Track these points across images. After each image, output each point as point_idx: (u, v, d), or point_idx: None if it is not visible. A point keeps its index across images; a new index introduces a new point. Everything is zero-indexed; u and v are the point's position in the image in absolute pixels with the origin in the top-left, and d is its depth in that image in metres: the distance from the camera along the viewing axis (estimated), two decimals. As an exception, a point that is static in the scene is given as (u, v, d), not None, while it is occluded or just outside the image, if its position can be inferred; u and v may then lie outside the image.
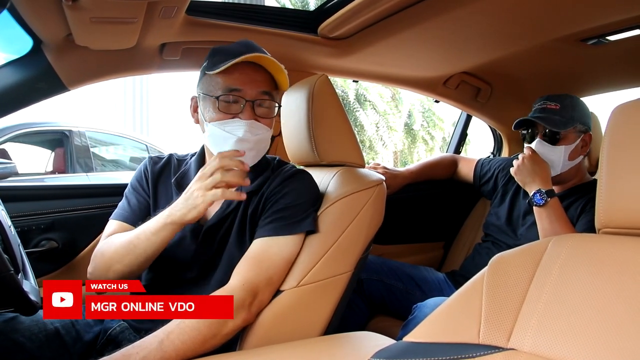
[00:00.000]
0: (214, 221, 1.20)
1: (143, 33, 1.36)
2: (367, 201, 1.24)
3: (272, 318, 1.10)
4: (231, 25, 1.55)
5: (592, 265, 0.71)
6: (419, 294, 1.79)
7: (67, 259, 1.68)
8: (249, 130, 1.14)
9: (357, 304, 1.78)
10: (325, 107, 1.30)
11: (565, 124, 1.65)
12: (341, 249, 1.18)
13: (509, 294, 0.75)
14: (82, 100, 11.80)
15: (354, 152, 1.35)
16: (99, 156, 5.96)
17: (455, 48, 1.88)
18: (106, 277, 1.18)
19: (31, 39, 1.40)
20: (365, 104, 14.46)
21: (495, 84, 2.29)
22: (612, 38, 1.68)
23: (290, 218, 1.16)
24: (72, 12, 1.13)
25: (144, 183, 1.32)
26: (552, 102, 1.69)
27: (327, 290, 1.16)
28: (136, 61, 1.59)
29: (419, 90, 2.31)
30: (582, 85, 2.21)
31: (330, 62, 1.86)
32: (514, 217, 1.85)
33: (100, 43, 1.42)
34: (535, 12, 1.52)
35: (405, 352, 0.78)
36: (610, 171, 0.74)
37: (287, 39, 1.67)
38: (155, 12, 1.23)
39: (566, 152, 1.67)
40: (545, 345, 0.68)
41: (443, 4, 1.44)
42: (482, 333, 0.73)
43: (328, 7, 1.59)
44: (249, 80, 1.15)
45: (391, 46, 1.76)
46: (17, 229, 1.42)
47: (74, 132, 5.28)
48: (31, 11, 1.21)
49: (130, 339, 1.19)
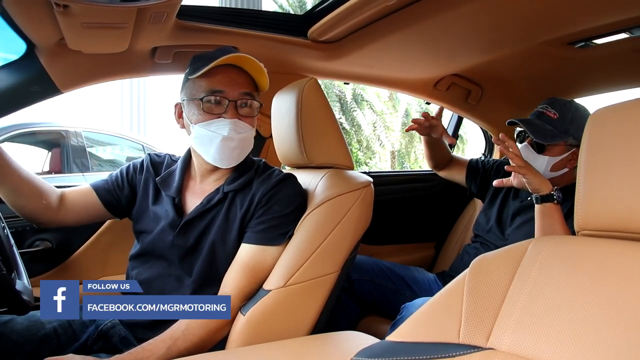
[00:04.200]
0: (193, 215, 1.24)
1: (134, 37, 1.37)
2: (354, 203, 1.26)
3: (259, 317, 1.12)
4: (222, 30, 1.56)
5: (569, 266, 0.72)
6: (409, 294, 1.80)
7: (61, 259, 1.70)
8: (234, 129, 1.19)
9: (347, 303, 1.79)
10: (313, 110, 1.32)
11: (553, 137, 1.63)
12: (328, 249, 1.20)
13: (489, 294, 0.76)
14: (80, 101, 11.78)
15: (342, 155, 1.37)
16: (95, 156, 5.96)
17: (445, 50, 1.89)
18: None
19: (24, 43, 1.41)
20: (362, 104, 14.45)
21: (486, 86, 2.29)
22: (599, 41, 1.69)
23: (281, 227, 1.21)
24: (63, 18, 1.14)
25: (132, 173, 1.37)
26: (553, 110, 1.67)
27: (314, 290, 1.18)
28: (128, 64, 1.60)
29: (410, 92, 2.32)
30: (571, 88, 2.21)
31: (320, 65, 1.87)
32: (503, 218, 1.85)
33: (93, 47, 1.43)
34: (523, 15, 1.53)
35: (387, 351, 0.79)
36: (588, 175, 0.75)
37: (277, 42, 1.68)
38: (145, 17, 1.24)
39: (549, 163, 1.65)
40: (523, 344, 0.69)
41: (431, 7, 1.45)
42: (462, 333, 0.74)
43: (317, 11, 1.60)
44: (230, 81, 1.19)
45: (381, 49, 1.77)
46: (12, 230, 1.44)
47: (70, 132, 5.29)
48: (24, 16, 1.22)
49: (120, 334, 1.22)
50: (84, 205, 1.35)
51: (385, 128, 14.82)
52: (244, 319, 1.12)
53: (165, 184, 1.30)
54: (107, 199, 1.35)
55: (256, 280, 1.18)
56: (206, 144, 1.21)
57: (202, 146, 1.22)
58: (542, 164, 1.65)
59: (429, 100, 2.38)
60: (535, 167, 1.57)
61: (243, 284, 1.16)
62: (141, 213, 1.32)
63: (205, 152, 1.22)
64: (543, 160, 1.65)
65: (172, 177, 1.31)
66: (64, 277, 1.66)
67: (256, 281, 1.18)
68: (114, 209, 1.36)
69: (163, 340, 1.05)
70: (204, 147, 1.22)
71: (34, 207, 1.28)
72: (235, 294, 1.14)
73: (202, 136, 1.20)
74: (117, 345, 1.21)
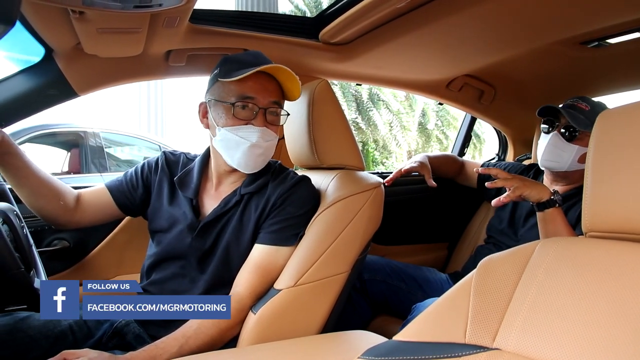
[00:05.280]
0: (211, 218, 1.26)
1: (148, 41, 1.40)
2: (364, 203, 1.27)
3: (270, 316, 1.13)
4: (234, 33, 1.58)
5: (576, 268, 0.72)
6: (421, 294, 1.80)
7: (78, 258, 1.73)
8: (262, 137, 1.20)
9: (360, 303, 1.79)
10: (324, 112, 1.34)
11: (587, 125, 1.61)
12: (338, 249, 1.21)
13: (496, 295, 0.75)
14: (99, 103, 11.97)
15: (353, 156, 1.38)
16: (113, 156, 6.03)
17: (457, 51, 1.88)
18: None
19: (43, 47, 1.45)
20: (378, 104, 14.34)
21: (499, 86, 2.28)
22: (613, 41, 1.68)
23: (294, 228, 1.23)
24: (79, 24, 1.18)
25: (146, 172, 1.39)
26: (584, 103, 1.66)
27: (324, 289, 1.19)
28: (143, 67, 1.63)
29: (422, 93, 2.32)
30: (585, 87, 2.18)
31: (332, 67, 1.88)
32: (516, 218, 1.84)
33: (108, 51, 1.47)
34: (535, 16, 1.52)
35: (393, 350, 0.79)
36: (596, 176, 0.75)
37: (289, 45, 1.70)
38: (158, 22, 1.27)
39: (578, 152, 1.61)
40: (528, 345, 0.69)
41: (442, 9, 1.45)
42: (468, 333, 0.74)
43: (328, 13, 1.61)
44: (262, 89, 1.20)
45: (392, 51, 1.77)
46: (31, 229, 1.48)
47: (89, 133, 5.36)
48: (42, 23, 1.26)
49: (134, 332, 1.25)
50: (98, 206, 1.38)
51: (401, 128, 14.69)
52: (255, 317, 1.13)
53: (183, 185, 1.32)
54: (121, 200, 1.37)
55: (267, 280, 1.19)
56: (232, 148, 1.22)
57: (227, 149, 1.23)
58: (571, 154, 1.63)
59: (441, 101, 2.38)
60: (563, 156, 1.61)
61: (255, 284, 1.18)
62: (155, 212, 1.34)
63: (230, 155, 1.23)
64: (572, 150, 1.62)
65: (190, 177, 1.33)
66: (80, 275, 1.70)
67: (267, 281, 1.19)
68: (127, 209, 1.39)
69: (175, 339, 1.08)
70: (229, 151, 1.23)
71: (52, 208, 1.30)
72: (247, 293, 1.17)
73: (228, 140, 1.21)
74: (132, 342, 1.23)
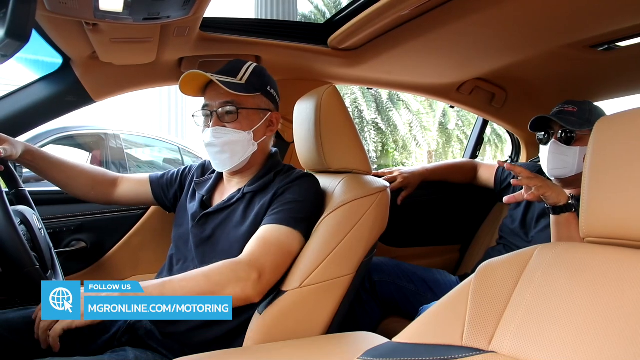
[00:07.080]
0: (213, 209, 1.36)
1: (161, 49, 1.46)
2: (369, 207, 1.28)
3: (275, 317, 1.16)
4: (244, 40, 1.62)
5: (572, 273, 0.73)
6: (430, 296, 1.80)
7: (95, 259, 1.79)
8: (213, 135, 1.31)
9: (369, 304, 1.80)
10: (332, 117, 1.36)
11: (581, 124, 1.61)
12: (344, 252, 1.23)
13: (493, 298, 0.77)
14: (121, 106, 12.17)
15: (360, 160, 1.39)
16: (134, 157, 6.13)
17: (466, 56, 1.89)
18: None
19: (61, 56, 1.52)
20: (398, 104, 14.22)
21: (510, 89, 2.27)
22: (623, 44, 1.66)
23: (293, 212, 1.25)
24: (93, 35, 1.24)
25: (185, 173, 1.56)
26: (570, 106, 1.67)
27: (329, 291, 1.21)
28: (157, 74, 1.69)
29: (433, 96, 2.32)
30: (595, 90, 2.17)
31: (341, 72, 1.90)
32: (528, 220, 1.83)
33: (123, 59, 1.53)
34: (544, 19, 1.52)
35: (392, 351, 0.81)
36: (593, 182, 0.75)
37: (298, 51, 1.72)
38: (169, 31, 1.32)
39: (581, 153, 1.60)
40: (523, 349, 0.70)
41: (450, 14, 1.46)
42: (465, 336, 0.75)
43: (337, 20, 1.64)
44: (213, 95, 1.33)
45: (400, 56, 1.79)
46: (49, 231, 1.54)
47: (110, 135, 5.47)
48: (58, 34, 1.32)
49: (146, 327, 1.28)
50: (137, 193, 1.57)
51: (421, 128, 14.56)
52: (260, 318, 1.16)
53: (200, 185, 1.46)
54: (158, 193, 1.55)
55: (270, 251, 1.18)
56: (204, 151, 1.37)
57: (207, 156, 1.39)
58: (575, 155, 1.62)
59: (452, 104, 2.38)
60: (567, 160, 1.60)
61: (255, 252, 1.17)
62: (179, 209, 1.49)
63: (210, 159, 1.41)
64: (575, 152, 1.62)
65: (208, 179, 1.47)
66: (97, 275, 1.75)
67: (270, 252, 1.18)
68: (160, 201, 1.57)
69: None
70: (204, 153, 1.40)
71: (83, 195, 1.53)
72: (247, 259, 1.15)
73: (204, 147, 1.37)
74: (143, 338, 1.27)
